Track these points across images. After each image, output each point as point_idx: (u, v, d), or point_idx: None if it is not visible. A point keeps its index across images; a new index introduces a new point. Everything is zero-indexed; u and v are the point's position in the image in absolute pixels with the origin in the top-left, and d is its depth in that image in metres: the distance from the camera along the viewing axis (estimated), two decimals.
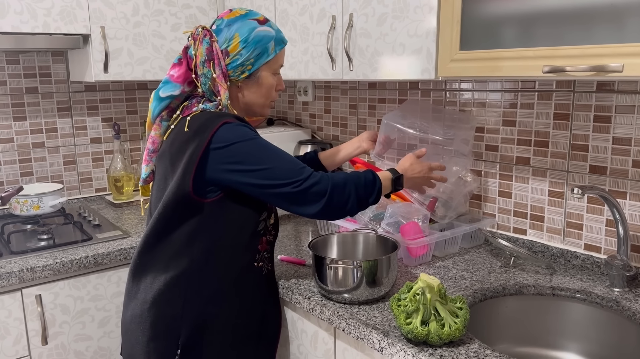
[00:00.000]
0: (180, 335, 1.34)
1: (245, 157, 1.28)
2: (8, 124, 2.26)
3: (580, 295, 1.44)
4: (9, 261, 1.73)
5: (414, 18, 1.54)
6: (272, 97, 1.44)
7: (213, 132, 1.28)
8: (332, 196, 1.30)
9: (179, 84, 1.38)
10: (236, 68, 1.35)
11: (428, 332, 1.14)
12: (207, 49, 1.33)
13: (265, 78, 1.39)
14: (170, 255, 1.34)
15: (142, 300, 1.37)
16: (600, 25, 1.17)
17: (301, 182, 1.28)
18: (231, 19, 1.35)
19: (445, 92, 1.95)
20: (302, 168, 1.31)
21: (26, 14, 1.90)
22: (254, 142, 1.30)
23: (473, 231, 1.77)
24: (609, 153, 1.54)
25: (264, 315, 1.45)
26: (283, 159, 1.30)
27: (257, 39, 1.34)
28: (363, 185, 1.33)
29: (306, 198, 1.29)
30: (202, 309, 1.35)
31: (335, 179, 1.31)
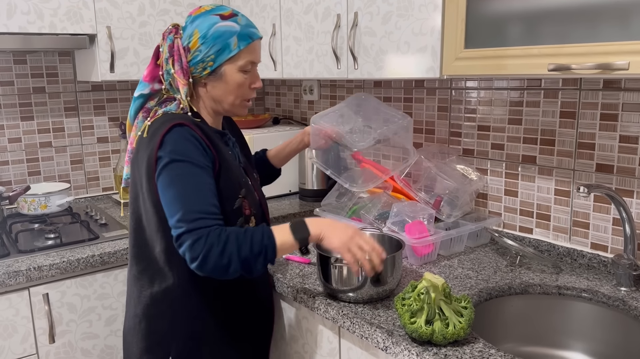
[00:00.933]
0: (171, 349, 1.35)
1: (166, 175, 1.24)
2: (16, 124, 2.27)
3: (586, 294, 1.44)
4: (16, 260, 1.74)
5: (418, 16, 1.54)
6: (245, 94, 1.38)
7: (162, 135, 1.25)
8: (206, 260, 1.18)
9: (147, 83, 1.38)
10: (197, 65, 1.32)
11: (432, 331, 1.14)
12: (169, 46, 1.32)
13: (230, 75, 1.34)
14: (154, 270, 1.34)
15: (134, 313, 1.39)
16: (605, 22, 1.16)
17: (181, 234, 1.20)
18: (195, 15, 1.34)
19: (451, 91, 1.94)
20: (195, 219, 1.19)
21: (33, 15, 1.91)
22: (180, 164, 1.23)
23: (479, 230, 1.76)
24: (615, 152, 1.53)
25: (254, 318, 1.45)
26: (191, 197, 1.21)
27: (216, 35, 1.30)
28: (248, 248, 1.20)
29: (183, 251, 1.20)
30: (191, 322, 1.35)
31: (219, 239, 1.19)
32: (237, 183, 1.35)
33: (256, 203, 1.42)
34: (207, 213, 1.21)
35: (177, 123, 1.27)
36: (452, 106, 1.94)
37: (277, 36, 2.07)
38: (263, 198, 1.50)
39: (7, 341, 1.69)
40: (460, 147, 1.93)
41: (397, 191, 1.92)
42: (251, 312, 1.45)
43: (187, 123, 1.28)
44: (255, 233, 1.22)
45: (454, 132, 1.95)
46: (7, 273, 1.64)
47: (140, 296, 1.37)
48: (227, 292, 1.38)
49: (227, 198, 1.31)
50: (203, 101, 1.39)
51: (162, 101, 1.39)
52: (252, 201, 1.39)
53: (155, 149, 1.26)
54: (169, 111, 1.34)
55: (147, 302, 1.35)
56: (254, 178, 1.52)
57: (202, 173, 1.25)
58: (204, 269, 1.20)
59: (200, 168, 1.25)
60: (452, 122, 1.95)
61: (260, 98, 2.94)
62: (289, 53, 2.03)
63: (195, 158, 1.25)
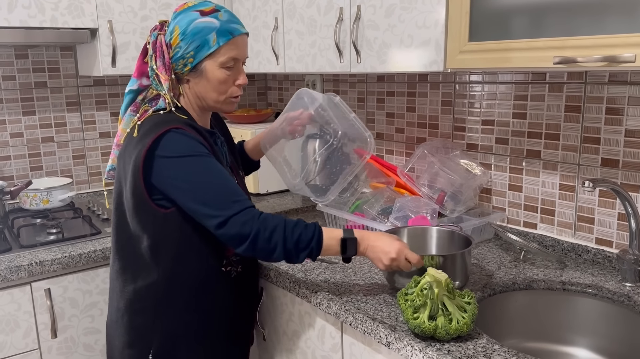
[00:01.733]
0: (153, 344, 1.35)
1: (184, 174, 1.25)
2: (17, 119, 2.27)
3: (591, 289, 1.42)
4: (18, 255, 1.73)
5: (422, 9, 1.52)
6: (230, 91, 1.37)
7: (155, 138, 1.25)
8: (254, 243, 1.23)
9: (136, 79, 1.39)
10: (178, 61, 1.32)
11: (435, 327, 1.13)
12: (153, 42, 1.33)
13: (211, 71, 1.33)
14: (138, 266, 1.35)
15: (116, 307, 1.40)
16: (612, 15, 1.14)
17: (225, 220, 1.22)
18: (178, 12, 1.34)
19: (455, 85, 1.92)
20: (234, 202, 1.24)
21: (34, 8, 1.90)
22: (197, 159, 1.26)
23: (482, 225, 1.75)
24: (621, 146, 1.51)
25: (236, 316, 1.46)
26: (218, 187, 1.25)
27: (195, 31, 1.30)
28: (295, 240, 1.24)
29: (228, 236, 1.24)
30: (173, 319, 1.36)
31: (264, 224, 1.23)
32: None
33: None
34: (238, 195, 1.26)
35: (171, 127, 1.27)
36: (455, 100, 1.93)
37: (280, 30, 2.05)
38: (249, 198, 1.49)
39: (9, 336, 1.69)
40: (464, 141, 1.92)
41: (400, 186, 1.91)
42: (234, 312, 1.45)
43: (182, 127, 1.28)
44: (306, 232, 1.26)
45: (457, 126, 1.93)
46: (9, 268, 1.64)
47: (124, 291, 1.37)
48: (211, 291, 1.38)
49: None
50: (188, 98, 1.39)
51: (151, 98, 1.38)
52: None
53: (145, 150, 1.25)
54: (159, 109, 1.34)
55: (130, 297, 1.36)
56: (240, 177, 1.52)
57: (215, 162, 1.28)
58: (251, 251, 1.24)
59: (211, 157, 1.27)
60: (455, 117, 1.94)
61: (262, 93, 2.93)
62: (291, 47, 2.02)
63: (202, 150, 1.27)
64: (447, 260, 1.30)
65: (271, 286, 1.63)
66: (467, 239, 1.42)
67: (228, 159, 1.48)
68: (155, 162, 1.26)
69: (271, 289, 1.63)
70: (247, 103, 2.88)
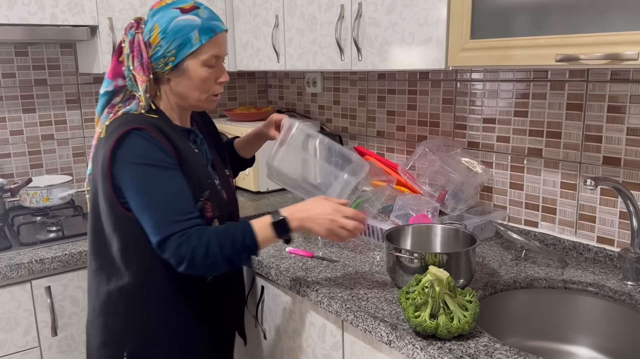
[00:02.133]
0: (127, 345, 1.34)
1: (137, 184, 1.23)
2: (17, 116, 2.26)
3: (592, 288, 1.42)
4: (18, 252, 1.73)
5: (423, 6, 1.51)
6: (211, 89, 1.35)
7: (117, 138, 1.23)
8: (192, 263, 1.21)
9: (111, 80, 1.34)
10: (158, 60, 1.29)
11: (437, 325, 1.13)
12: (130, 42, 1.29)
13: (193, 70, 1.30)
14: (111, 268, 1.34)
15: (92, 307, 1.39)
16: (615, 12, 1.14)
17: (164, 239, 1.20)
18: (156, 9, 1.30)
19: (456, 83, 1.92)
20: (176, 221, 1.20)
21: (34, 6, 1.89)
22: (151, 170, 1.22)
23: (484, 223, 1.74)
24: (623, 144, 1.51)
25: (214, 322, 1.43)
26: (165, 204, 1.21)
27: (176, 29, 1.26)
28: (230, 246, 1.22)
29: (167, 256, 1.22)
30: (146, 322, 1.34)
31: (199, 242, 1.20)
32: (198, 185, 1.31)
33: (222, 204, 1.39)
34: (183, 214, 1.21)
35: (133, 127, 1.24)
36: (457, 98, 1.92)
37: (280, 27, 2.05)
38: (233, 198, 1.47)
39: (9, 333, 1.69)
40: (465, 139, 1.91)
41: (401, 185, 1.90)
42: (212, 316, 1.42)
43: (145, 127, 1.25)
44: (236, 233, 1.23)
45: (458, 124, 1.93)
46: (9, 266, 1.63)
47: (98, 292, 1.36)
48: (184, 295, 1.36)
49: None
50: (167, 97, 1.35)
51: (127, 98, 1.36)
52: (216, 203, 1.36)
53: (109, 151, 1.24)
54: (130, 111, 1.31)
55: (103, 299, 1.35)
56: (225, 175, 1.48)
57: (170, 174, 1.24)
58: (192, 271, 1.22)
59: (167, 169, 1.23)
60: (457, 115, 1.93)
61: (263, 91, 2.92)
62: (292, 44, 2.01)
63: (161, 159, 1.23)
64: (451, 258, 1.30)
65: (272, 284, 1.63)
66: (471, 237, 1.41)
67: (209, 157, 1.45)
68: (116, 164, 1.24)
69: (272, 287, 1.63)
70: (248, 101, 2.88)
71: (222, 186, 1.43)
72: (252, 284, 1.71)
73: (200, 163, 1.36)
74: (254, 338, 1.76)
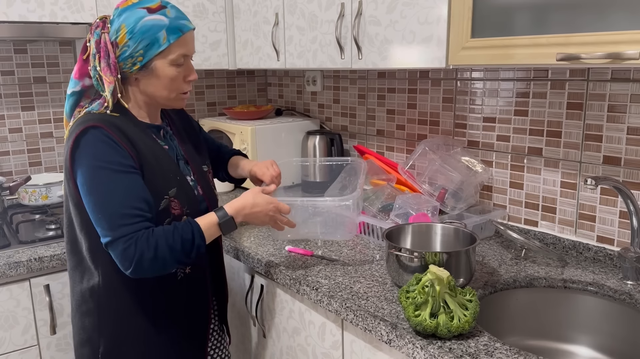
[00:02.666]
0: (100, 345, 1.34)
1: (89, 184, 1.22)
2: (16, 114, 2.26)
3: (592, 287, 1.42)
4: (17, 251, 1.73)
5: (424, 5, 1.51)
6: (180, 88, 1.34)
7: (74, 138, 1.23)
8: (139, 266, 1.21)
9: (78, 80, 1.33)
10: (126, 60, 1.27)
11: (437, 324, 1.13)
12: (96, 42, 1.27)
13: (162, 69, 1.29)
14: (82, 268, 1.34)
15: (71, 307, 1.41)
16: (616, 11, 1.14)
17: (111, 241, 1.21)
18: (122, 8, 1.28)
19: (456, 81, 1.92)
20: (123, 225, 1.20)
21: (33, 3, 1.89)
22: (103, 172, 1.22)
23: (483, 222, 1.74)
24: (623, 144, 1.51)
25: (187, 319, 1.43)
26: (113, 206, 1.21)
27: (143, 29, 1.25)
28: (180, 247, 1.23)
29: (116, 257, 1.22)
30: (118, 323, 1.34)
31: (147, 244, 1.20)
32: (163, 183, 1.31)
33: (192, 201, 1.38)
34: (130, 217, 1.21)
35: (90, 125, 1.23)
36: (457, 97, 1.92)
37: (280, 26, 2.04)
38: (210, 193, 1.47)
39: (8, 332, 1.68)
40: (465, 138, 1.91)
41: (400, 183, 1.90)
42: (184, 314, 1.42)
43: (101, 125, 1.24)
44: (185, 233, 1.25)
45: (459, 123, 1.93)
46: (7, 264, 1.63)
47: (74, 291, 1.38)
48: (155, 294, 1.36)
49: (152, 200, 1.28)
50: (135, 96, 1.35)
51: (93, 99, 1.35)
52: (185, 200, 1.35)
53: (69, 150, 1.24)
54: (91, 111, 1.30)
55: (77, 298, 1.36)
56: (202, 171, 1.47)
57: (121, 177, 1.23)
58: (139, 274, 1.23)
59: (119, 172, 1.23)
60: (457, 114, 1.93)
61: (262, 89, 2.92)
62: (292, 43, 2.01)
63: (114, 161, 1.23)
64: (451, 257, 1.29)
65: (271, 283, 1.62)
66: (471, 236, 1.41)
67: (180, 152, 1.44)
68: (75, 163, 1.25)
69: (271, 286, 1.63)
70: (247, 99, 2.88)
71: (197, 182, 1.43)
72: (251, 283, 1.71)
73: (167, 160, 1.35)
74: (253, 337, 1.76)
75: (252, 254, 1.65)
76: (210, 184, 1.49)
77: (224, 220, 1.32)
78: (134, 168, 1.25)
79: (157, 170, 1.30)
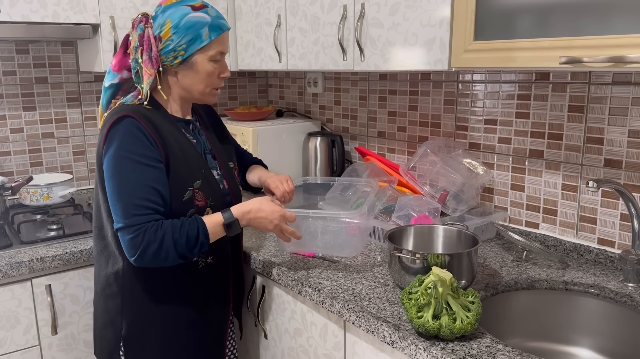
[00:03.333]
0: (122, 328, 1.40)
1: (109, 167, 1.30)
2: (18, 114, 2.26)
3: (593, 289, 1.42)
4: (19, 251, 1.73)
5: (427, 7, 1.52)
6: (214, 83, 1.42)
7: (108, 127, 1.31)
8: (142, 257, 1.27)
9: (116, 72, 1.40)
10: (168, 54, 1.35)
11: (440, 326, 1.13)
12: (139, 35, 1.34)
13: (201, 64, 1.37)
14: (107, 253, 1.40)
15: (95, 290, 1.49)
16: (618, 14, 1.14)
17: (121, 228, 1.28)
18: (166, 5, 1.36)
19: (458, 84, 1.92)
20: (135, 214, 1.26)
21: (36, 3, 1.89)
22: (122, 159, 1.28)
23: (485, 224, 1.75)
24: (624, 146, 1.51)
25: (207, 307, 1.48)
26: (130, 196, 1.27)
27: (188, 25, 1.33)
28: (184, 242, 1.29)
29: (123, 243, 1.29)
30: (141, 305, 1.41)
31: (154, 236, 1.27)
32: (188, 174, 1.37)
33: (217, 194, 1.44)
34: (143, 208, 1.27)
35: (122, 115, 1.30)
36: (458, 99, 1.93)
37: (282, 27, 2.05)
38: (234, 189, 1.52)
39: (9, 332, 1.68)
40: (467, 140, 1.91)
41: (402, 185, 1.90)
42: (203, 303, 1.47)
43: (134, 115, 1.31)
44: (191, 229, 1.30)
45: (460, 125, 1.93)
46: (9, 264, 1.63)
47: (99, 275, 1.45)
48: (175, 281, 1.42)
49: (175, 190, 1.34)
50: (172, 89, 1.42)
51: (128, 91, 1.41)
52: (209, 192, 1.41)
53: (102, 140, 1.32)
54: (125, 102, 1.37)
55: (102, 281, 1.44)
56: (228, 167, 1.53)
57: (142, 169, 1.29)
58: (141, 263, 1.29)
59: (141, 164, 1.29)
60: (458, 116, 1.94)
61: (263, 91, 2.92)
62: (294, 44, 2.01)
63: (139, 152, 1.29)
64: (453, 258, 1.30)
65: (273, 283, 1.63)
66: (473, 238, 1.42)
67: (208, 147, 1.50)
68: (105, 149, 1.31)
69: (273, 287, 1.63)
70: (248, 100, 2.88)
71: (223, 176, 1.49)
72: (253, 283, 1.71)
73: (194, 153, 1.41)
74: (255, 338, 1.76)
75: (253, 254, 1.65)
76: (235, 180, 1.55)
77: (229, 221, 1.36)
78: (157, 161, 1.31)
79: (183, 162, 1.37)
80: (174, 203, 1.34)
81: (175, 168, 1.34)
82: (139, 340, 1.42)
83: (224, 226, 1.35)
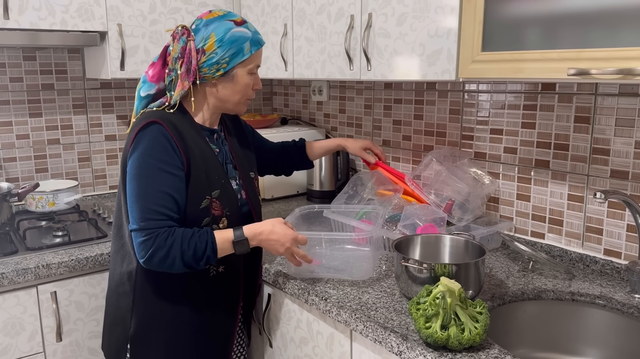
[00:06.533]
0: (131, 327, 1.44)
1: (131, 169, 1.34)
2: (24, 120, 2.26)
3: (600, 300, 1.42)
4: (24, 257, 1.73)
5: (434, 18, 1.52)
6: (249, 95, 1.47)
7: (136, 132, 1.35)
8: (150, 260, 1.31)
9: (154, 84, 1.44)
10: (211, 66, 1.39)
11: (448, 337, 1.13)
12: (181, 47, 1.38)
13: (241, 76, 1.42)
14: (123, 252, 1.44)
15: (108, 287, 1.53)
16: (627, 27, 1.15)
17: (134, 229, 1.32)
18: (209, 19, 1.40)
19: (463, 93, 1.93)
20: (150, 219, 1.30)
21: (44, 11, 1.90)
22: (144, 163, 1.33)
23: (490, 234, 1.75)
24: (631, 157, 1.52)
25: (214, 315, 1.50)
26: (148, 200, 1.31)
27: (232, 39, 1.38)
28: (192, 253, 1.32)
29: (135, 244, 1.33)
30: (150, 306, 1.44)
31: (163, 243, 1.30)
32: (207, 183, 1.40)
33: (234, 204, 1.47)
34: (158, 214, 1.31)
35: (150, 121, 1.35)
36: (464, 109, 1.93)
37: (289, 36, 2.06)
38: (253, 199, 1.55)
39: (14, 338, 1.68)
40: (472, 150, 1.92)
41: (407, 194, 1.90)
42: (211, 310, 1.49)
43: (161, 122, 1.35)
44: (200, 242, 1.32)
45: (465, 134, 1.94)
46: (15, 271, 1.63)
47: (114, 273, 1.49)
48: (185, 286, 1.44)
49: (193, 197, 1.38)
50: (207, 100, 1.45)
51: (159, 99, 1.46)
52: (226, 202, 1.44)
53: (129, 144, 1.36)
54: (152, 108, 1.41)
55: (117, 279, 1.47)
56: (249, 177, 1.56)
57: (162, 175, 1.33)
58: (149, 266, 1.33)
59: (161, 170, 1.33)
60: (464, 125, 1.94)
61: (268, 99, 2.93)
62: (300, 53, 2.02)
63: (162, 158, 1.33)
64: (460, 268, 1.30)
65: (279, 292, 1.63)
66: (480, 248, 1.42)
67: (230, 156, 1.53)
68: (130, 153, 1.35)
69: (279, 295, 1.63)
70: (253, 108, 2.89)
71: (242, 187, 1.52)
72: (258, 292, 1.71)
73: (215, 162, 1.44)
74: (260, 346, 1.76)
75: (265, 266, 1.65)
76: (255, 190, 1.58)
77: (239, 239, 1.37)
78: (178, 169, 1.35)
79: (203, 170, 1.40)
80: (190, 210, 1.36)
81: (195, 175, 1.37)
82: (146, 341, 1.44)
83: (233, 244, 1.37)
